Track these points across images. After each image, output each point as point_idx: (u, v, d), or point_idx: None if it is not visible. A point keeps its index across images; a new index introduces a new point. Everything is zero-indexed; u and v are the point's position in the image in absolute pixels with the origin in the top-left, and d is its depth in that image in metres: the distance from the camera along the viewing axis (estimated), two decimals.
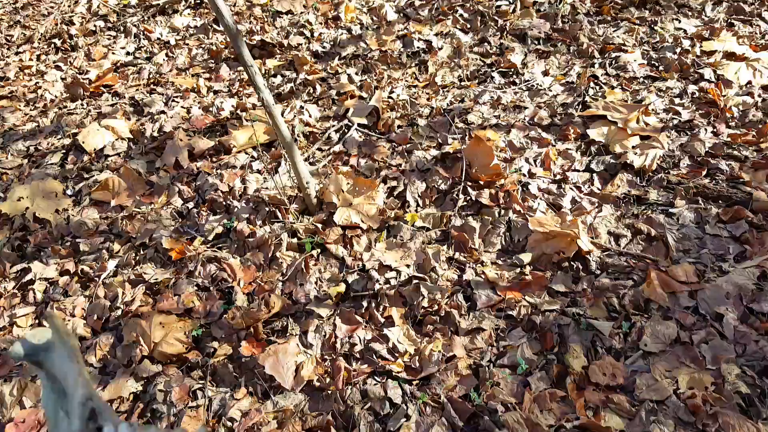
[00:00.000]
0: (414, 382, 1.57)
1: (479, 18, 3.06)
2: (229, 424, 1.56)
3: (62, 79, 3.64)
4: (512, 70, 2.64)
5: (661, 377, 1.42)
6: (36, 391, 1.78)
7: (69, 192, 2.59)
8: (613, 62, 2.52)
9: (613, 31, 2.71)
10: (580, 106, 2.31)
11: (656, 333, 1.51)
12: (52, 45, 3.91)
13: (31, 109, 3.38)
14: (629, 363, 1.48)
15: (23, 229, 2.43)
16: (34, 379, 1.77)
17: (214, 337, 1.77)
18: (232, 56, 3.35)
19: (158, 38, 3.71)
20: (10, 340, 1.96)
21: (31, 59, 3.84)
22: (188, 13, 3.97)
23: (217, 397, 1.63)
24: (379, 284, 1.80)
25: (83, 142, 2.78)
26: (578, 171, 2.06)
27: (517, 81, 2.57)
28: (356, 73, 2.93)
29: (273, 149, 2.52)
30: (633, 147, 2.06)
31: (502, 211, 1.95)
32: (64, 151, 2.87)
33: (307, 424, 1.53)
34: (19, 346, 0.44)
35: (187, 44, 3.61)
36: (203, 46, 3.55)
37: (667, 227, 1.77)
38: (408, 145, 2.34)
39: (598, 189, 1.98)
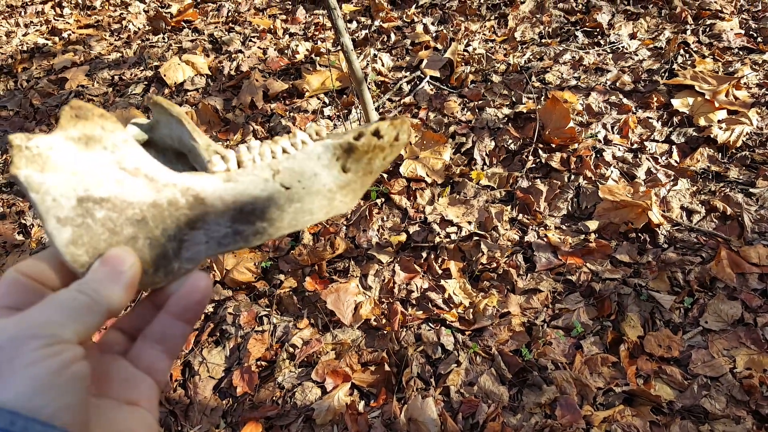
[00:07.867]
0: (466, 333, 1.63)
1: None
2: (291, 350, 1.68)
3: (145, 11, 3.77)
4: (597, 30, 2.53)
5: (718, 355, 1.42)
6: None
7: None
8: (708, 29, 2.37)
9: None
10: (667, 74, 2.20)
11: (719, 311, 1.49)
12: None
13: (115, 40, 3.54)
14: (687, 338, 1.48)
15: None
16: None
17: (281, 270, 1.89)
18: None
19: None
20: None
21: None
22: None
23: (281, 324, 1.75)
24: (440, 237, 1.85)
25: (165, 76, 2.90)
26: (657, 141, 1.99)
27: (602, 42, 2.46)
28: (432, 23, 2.88)
29: (344, 96, 2.56)
30: (719, 121, 1.96)
31: (572, 177, 1.93)
32: (146, 82, 3.01)
33: (363, 358, 1.63)
34: (132, 128, 0.43)
35: None
36: None
37: (745, 207, 1.71)
38: (480, 102, 2.32)
39: (676, 162, 1.91)
